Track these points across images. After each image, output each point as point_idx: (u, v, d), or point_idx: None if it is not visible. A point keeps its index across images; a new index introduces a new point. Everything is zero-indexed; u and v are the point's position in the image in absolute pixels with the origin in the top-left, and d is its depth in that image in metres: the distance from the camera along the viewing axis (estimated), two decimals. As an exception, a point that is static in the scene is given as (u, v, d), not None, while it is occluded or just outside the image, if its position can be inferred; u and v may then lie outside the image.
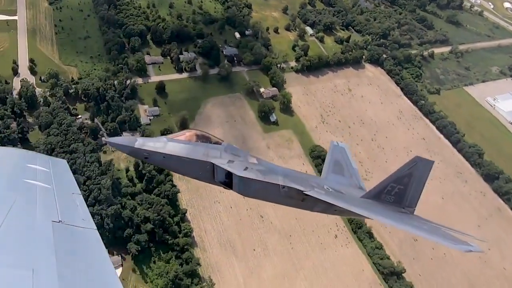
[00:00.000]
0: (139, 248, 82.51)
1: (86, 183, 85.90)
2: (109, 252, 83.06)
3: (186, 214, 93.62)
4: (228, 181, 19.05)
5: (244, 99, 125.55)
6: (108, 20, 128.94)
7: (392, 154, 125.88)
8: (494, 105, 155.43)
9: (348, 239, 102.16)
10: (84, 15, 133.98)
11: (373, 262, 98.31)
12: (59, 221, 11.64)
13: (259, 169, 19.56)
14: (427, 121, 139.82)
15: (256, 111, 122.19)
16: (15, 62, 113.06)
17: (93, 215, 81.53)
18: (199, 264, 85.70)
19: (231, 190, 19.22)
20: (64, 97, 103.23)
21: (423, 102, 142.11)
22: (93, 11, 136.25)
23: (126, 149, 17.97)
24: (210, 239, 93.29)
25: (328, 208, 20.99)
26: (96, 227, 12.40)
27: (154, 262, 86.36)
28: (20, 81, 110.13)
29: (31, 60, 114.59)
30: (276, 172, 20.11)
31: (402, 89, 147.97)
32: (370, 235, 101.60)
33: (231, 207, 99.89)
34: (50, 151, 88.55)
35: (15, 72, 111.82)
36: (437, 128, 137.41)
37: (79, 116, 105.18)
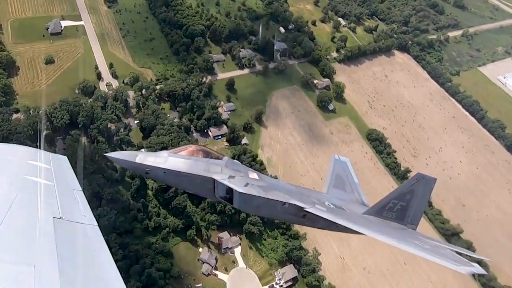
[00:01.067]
0: (259, 229, 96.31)
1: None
2: (228, 233, 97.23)
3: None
4: (228, 196, 19.02)
5: (301, 90, 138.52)
6: (170, 22, 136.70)
7: (431, 132, 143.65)
8: (505, 83, 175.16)
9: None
10: (142, 17, 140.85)
11: (434, 226, 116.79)
12: (60, 218, 11.61)
13: (260, 185, 19.44)
14: (454, 101, 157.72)
15: (314, 101, 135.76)
16: (96, 67, 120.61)
17: (217, 202, 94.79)
18: (305, 238, 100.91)
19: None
20: (157, 99, 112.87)
21: (449, 84, 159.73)
22: (150, 12, 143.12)
23: (127, 164, 18.10)
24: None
25: (330, 225, 20.61)
26: (97, 223, 12.49)
27: (265, 239, 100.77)
28: (106, 85, 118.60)
29: (111, 65, 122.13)
30: (277, 188, 20.13)
31: (429, 72, 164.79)
32: (429, 203, 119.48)
33: (314, 188, 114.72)
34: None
35: (99, 77, 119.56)
36: (463, 107, 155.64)
37: (167, 115, 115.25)
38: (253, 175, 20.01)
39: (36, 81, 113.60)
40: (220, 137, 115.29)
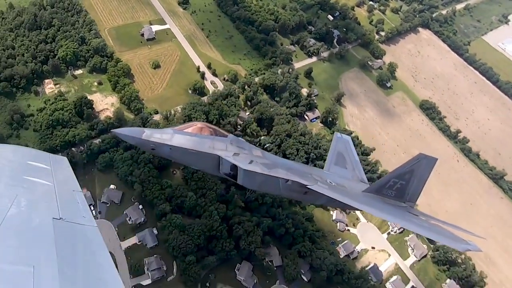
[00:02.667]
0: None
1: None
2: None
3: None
4: (232, 173, 20.09)
5: (361, 72, 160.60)
6: (244, 19, 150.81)
7: (463, 97, 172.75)
8: (504, 48, 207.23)
9: (465, 161, 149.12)
10: (216, 16, 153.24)
11: (484, 173, 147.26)
12: (60, 218, 11.68)
13: (263, 162, 20.46)
14: (472, 68, 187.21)
15: (373, 80, 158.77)
16: (199, 68, 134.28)
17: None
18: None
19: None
20: (265, 92, 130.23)
21: (467, 54, 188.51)
22: (221, 11, 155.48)
23: (134, 140, 18.75)
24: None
25: (330, 201, 21.98)
26: (96, 224, 12.81)
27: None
28: (211, 83, 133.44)
29: (209, 64, 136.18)
30: (280, 166, 21.08)
31: (449, 45, 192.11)
32: (478, 155, 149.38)
33: (394, 154, 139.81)
34: (288, 138, 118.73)
35: (202, 76, 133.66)
36: (481, 73, 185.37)
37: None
38: (257, 152, 20.86)
39: (153, 85, 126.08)
40: (315, 119, 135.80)
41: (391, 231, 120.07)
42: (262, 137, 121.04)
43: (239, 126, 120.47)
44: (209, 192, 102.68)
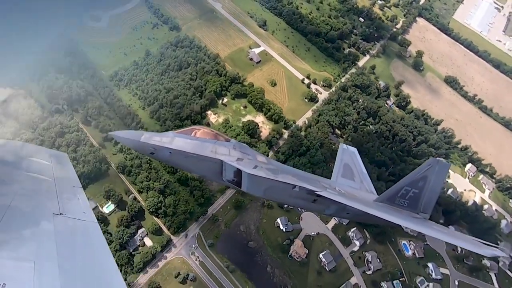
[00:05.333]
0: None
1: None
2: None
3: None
4: (236, 179, 19.49)
5: (399, 61, 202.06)
6: (313, 32, 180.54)
7: (463, 68, 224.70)
8: (469, 23, 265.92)
9: (485, 117, 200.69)
10: (289, 33, 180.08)
11: (498, 122, 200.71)
12: (60, 214, 12.00)
13: (269, 167, 20.17)
14: (459, 44, 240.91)
15: (409, 66, 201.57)
16: (303, 80, 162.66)
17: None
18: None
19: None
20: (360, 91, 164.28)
21: (453, 33, 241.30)
22: (291, 28, 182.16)
23: (131, 143, 18.48)
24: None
25: (340, 211, 21.81)
26: (96, 220, 13.06)
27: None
28: (315, 90, 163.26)
29: (308, 75, 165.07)
30: (286, 172, 20.78)
31: (439, 29, 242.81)
32: (491, 110, 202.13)
33: (445, 115, 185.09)
34: (393, 123, 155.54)
35: (308, 86, 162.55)
36: (466, 47, 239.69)
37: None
38: (261, 158, 20.93)
39: (280, 101, 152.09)
40: (392, 105, 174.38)
41: (468, 175, 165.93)
42: (370, 126, 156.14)
43: (356, 122, 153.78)
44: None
